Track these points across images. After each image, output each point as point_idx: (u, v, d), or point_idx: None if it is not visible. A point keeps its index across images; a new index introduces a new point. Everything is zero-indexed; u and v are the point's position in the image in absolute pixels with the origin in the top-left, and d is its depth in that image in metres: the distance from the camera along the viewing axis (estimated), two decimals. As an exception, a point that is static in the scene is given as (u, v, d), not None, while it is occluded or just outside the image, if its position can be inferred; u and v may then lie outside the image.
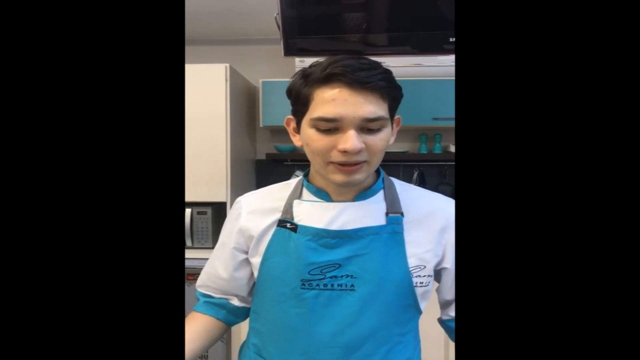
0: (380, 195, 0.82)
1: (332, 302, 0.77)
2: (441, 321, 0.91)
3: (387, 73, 0.72)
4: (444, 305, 0.89)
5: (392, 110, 0.75)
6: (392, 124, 0.77)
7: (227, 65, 2.07)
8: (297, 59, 2.14)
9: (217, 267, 0.89)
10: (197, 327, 0.87)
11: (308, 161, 0.74)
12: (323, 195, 0.81)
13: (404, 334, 0.81)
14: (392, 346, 0.79)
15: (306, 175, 0.86)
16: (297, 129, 0.78)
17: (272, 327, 0.82)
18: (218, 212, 2.20)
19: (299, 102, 0.75)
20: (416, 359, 0.86)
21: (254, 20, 2.25)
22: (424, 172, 2.52)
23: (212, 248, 0.93)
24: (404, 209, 0.81)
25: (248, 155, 2.51)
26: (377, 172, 0.84)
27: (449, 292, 0.85)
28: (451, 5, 1.20)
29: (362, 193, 0.81)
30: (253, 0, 1.99)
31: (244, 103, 2.40)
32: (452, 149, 2.40)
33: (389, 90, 0.71)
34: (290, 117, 0.80)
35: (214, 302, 0.90)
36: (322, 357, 0.77)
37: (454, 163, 2.51)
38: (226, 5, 2.03)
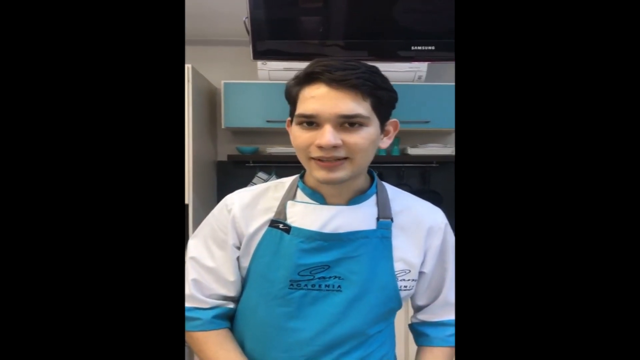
0: (372, 199, 0.83)
1: (318, 302, 0.78)
2: (410, 325, 0.94)
3: (372, 74, 0.73)
4: (415, 309, 0.93)
5: (379, 111, 0.75)
6: (381, 125, 0.77)
7: (189, 66, 2.05)
8: (260, 62, 2.16)
9: (220, 270, 0.83)
10: (234, 346, 0.82)
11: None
12: (317, 197, 0.82)
13: (382, 332, 0.84)
14: (372, 343, 0.82)
15: (302, 177, 0.86)
16: None
17: (255, 325, 0.82)
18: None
19: (291, 102, 0.77)
20: (392, 354, 0.90)
21: (216, 22, 2.24)
22: (383, 174, 2.59)
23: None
24: (394, 215, 0.83)
25: (209, 156, 2.50)
26: (372, 177, 0.86)
27: (422, 297, 0.89)
28: (406, 14, 1.26)
29: (356, 197, 0.82)
30: (216, 2, 1.99)
31: (206, 104, 2.39)
32: (410, 151, 2.48)
33: (370, 89, 0.72)
34: (289, 118, 0.81)
35: (221, 315, 0.84)
36: (303, 353, 0.78)
37: (411, 165, 2.60)
38: (188, 6, 2.02)
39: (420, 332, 0.91)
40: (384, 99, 0.75)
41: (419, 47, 1.30)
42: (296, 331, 0.79)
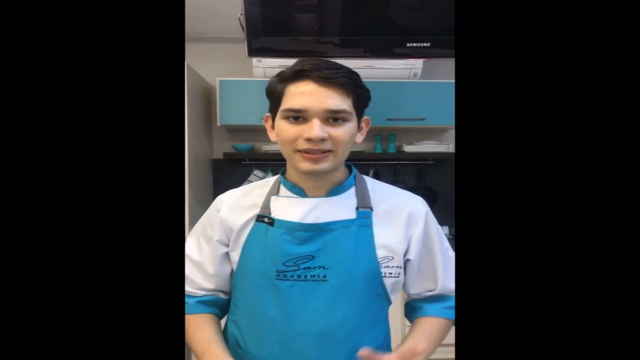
0: (351, 191, 0.87)
1: (306, 293, 0.81)
2: (407, 304, 0.96)
3: (352, 74, 0.80)
4: (408, 296, 0.95)
5: (358, 108, 0.82)
6: (359, 122, 0.84)
7: (185, 63, 2.05)
8: (255, 59, 2.15)
9: (204, 263, 0.89)
10: (211, 329, 0.86)
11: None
12: (298, 191, 0.86)
13: (376, 323, 0.86)
14: (364, 334, 0.83)
15: (283, 173, 0.90)
16: (273, 125, 0.84)
17: (249, 318, 0.85)
18: (175, 211, 2.18)
19: (274, 98, 0.81)
20: (386, 346, 0.91)
21: (210, 19, 2.24)
22: (379, 171, 2.60)
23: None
24: (374, 204, 0.86)
25: (205, 154, 2.49)
26: (350, 169, 0.91)
27: (414, 286, 0.91)
28: (401, 11, 1.26)
29: (335, 189, 0.86)
30: (210, -1, 1.99)
31: (201, 102, 2.39)
32: (405, 148, 2.49)
33: (352, 87, 0.79)
34: (268, 114, 0.86)
35: (206, 301, 0.90)
36: (297, 345, 0.80)
37: (407, 162, 2.60)
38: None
39: (415, 307, 0.93)
40: (362, 97, 0.82)
41: (414, 44, 1.30)
42: (287, 322, 0.80)
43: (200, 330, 0.85)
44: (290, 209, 0.84)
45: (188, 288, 0.90)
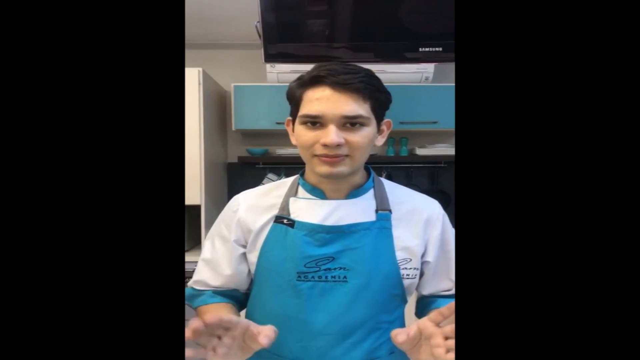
0: (370, 193, 0.88)
1: (326, 293, 0.82)
2: (418, 300, 0.97)
3: (371, 77, 0.79)
4: (421, 296, 0.95)
5: (377, 111, 0.81)
6: (379, 125, 0.84)
7: (200, 69, 2.09)
8: (268, 65, 2.19)
9: (221, 264, 0.90)
10: (232, 312, 0.86)
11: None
12: (318, 193, 0.87)
13: (392, 322, 0.87)
14: (381, 333, 0.85)
15: (302, 174, 0.91)
16: (294, 129, 0.85)
17: (268, 317, 0.85)
18: (193, 214, 2.22)
19: (293, 103, 0.82)
20: None
21: (225, 25, 2.28)
22: (392, 174, 2.61)
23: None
24: (392, 207, 0.87)
25: (220, 158, 2.53)
26: (368, 172, 0.91)
27: (428, 287, 0.91)
28: (412, 16, 1.28)
29: (354, 191, 0.87)
30: (225, 5, 2.03)
31: (216, 107, 2.43)
32: (418, 151, 2.50)
33: (370, 91, 0.77)
34: (289, 118, 0.87)
35: (222, 293, 0.91)
36: (316, 344, 0.81)
37: (419, 165, 2.61)
38: (198, 9, 2.06)
39: (429, 302, 0.93)
40: (381, 101, 0.81)
41: (426, 49, 1.32)
42: (307, 322, 0.82)
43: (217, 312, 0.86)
44: (310, 210, 0.85)
45: (203, 288, 0.91)
